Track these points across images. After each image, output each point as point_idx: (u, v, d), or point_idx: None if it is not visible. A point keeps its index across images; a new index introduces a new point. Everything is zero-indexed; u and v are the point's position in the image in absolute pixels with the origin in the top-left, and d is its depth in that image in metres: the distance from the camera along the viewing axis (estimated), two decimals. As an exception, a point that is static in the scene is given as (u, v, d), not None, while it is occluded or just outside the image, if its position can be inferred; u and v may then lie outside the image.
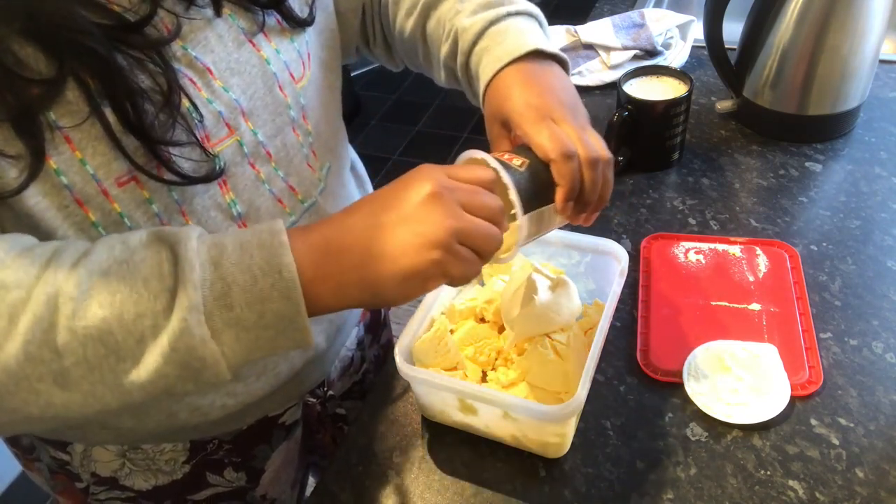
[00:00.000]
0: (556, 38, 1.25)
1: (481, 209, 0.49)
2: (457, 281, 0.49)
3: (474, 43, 0.64)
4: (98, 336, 0.43)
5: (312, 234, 0.48)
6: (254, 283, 0.44)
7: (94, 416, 0.46)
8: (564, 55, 0.63)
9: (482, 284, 0.78)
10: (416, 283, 0.47)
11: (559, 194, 0.55)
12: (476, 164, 0.55)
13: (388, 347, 0.98)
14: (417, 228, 0.46)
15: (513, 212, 0.53)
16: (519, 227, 0.53)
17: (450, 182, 0.48)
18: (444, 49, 0.67)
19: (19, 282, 0.43)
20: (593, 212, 0.59)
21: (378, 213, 0.48)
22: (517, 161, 0.55)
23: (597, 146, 0.56)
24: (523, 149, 0.57)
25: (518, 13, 0.65)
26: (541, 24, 0.66)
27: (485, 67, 0.62)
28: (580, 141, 0.55)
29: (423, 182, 0.47)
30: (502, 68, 0.61)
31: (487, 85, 0.61)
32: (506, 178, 0.53)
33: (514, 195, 0.53)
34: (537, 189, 0.54)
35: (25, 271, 0.43)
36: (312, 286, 0.46)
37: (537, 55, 0.61)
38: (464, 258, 0.47)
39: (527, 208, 0.53)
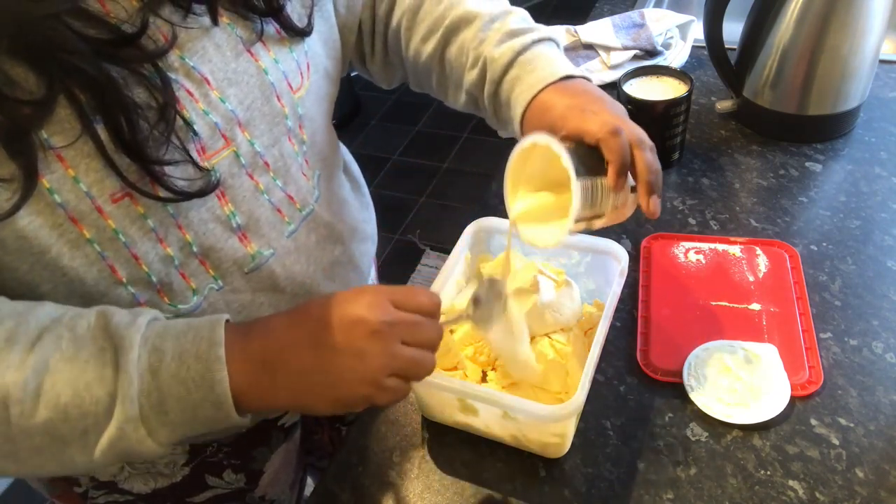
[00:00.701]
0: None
1: (420, 343, 0.52)
2: (382, 406, 0.53)
3: (504, 72, 0.66)
4: (45, 430, 0.47)
5: (252, 345, 0.51)
6: (188, 394, 0.48)
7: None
8: (590, 76, 0.66)
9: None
10: (342, 407, 0.52)
11: (610, 170, 0.56)
12: (536, 148, 0.57)
13: None
14: (354, 365, 0.50)
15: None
16: (573, 191, 0.54)
17: (392, 316, 0.51)
18: (470, 77, 0.69)
19: None
20: (651, 193, 0.59)
21: (319, 338, 0.50)
22: (568, 144, 0.57)
23: (638, 130, 0.59)
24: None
25: (542, 40, 0.68)
26: (559, 48, 0.70)
27: (518, 95, 0.65)
28: (622, 121, 0.58)
29: (366, 318, 0.50)
30: (537, 94, 0.63)
31: (525, 109, 0.64)
32: (556, 147, 0.55)
33: (566, 161, 0.54)
34: (589, 165, 0.56)
35: None
36: (243, 397, 0.49)
37: (566, 78, 0.65)
38: (393, 389, 0.51)
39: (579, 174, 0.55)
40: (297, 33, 0.61)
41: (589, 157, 0.57)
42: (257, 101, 0.58)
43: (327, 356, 0.50)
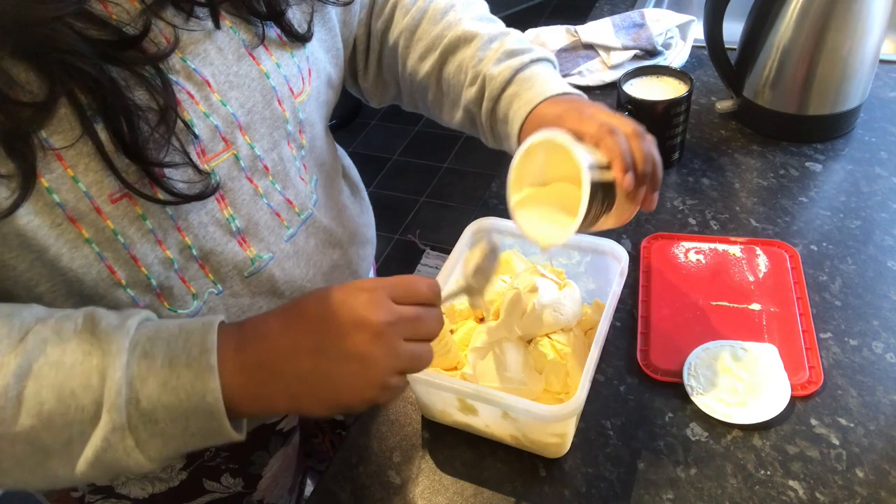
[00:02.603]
0: (556, 38, 1.25)
1: (421, 337, 0.51)
2: (382, 405, 0.52)
3: (503, 90, 0.68)
4: (27, 439, 0.45)
5: (246, 351, 0.49)
6: (178, 403, 0.46)
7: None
8: (587, 83, 0.67)
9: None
10: (343, 410, 0.51)
11: (615, 169, 0.57)
12: (542, 147, 0.58)
13: None
14: (358, 370, 0.48)
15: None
16: (583, 185, 0.54)
17: (393, 314, 0.49)
18: (468, 94, 0.70)
19: None
20: (653, 189, 0.61)
21: (319, 343, 0.49)
22: None
23: (636, 124, 0.60)
24: None
25: (539, 60, 0.69)
26: (555, 68, 0.71)
27: (517, 111, 0.66)
28: (619, 120, 0.59)
29: (368, 320, 0.48)
30: (534, 108, 0.64)
31: (523, 123, 0.65)
32: (567, 142, 0.55)
33: (578, 154, 0.55)
34: (596, 166, 0.57)
35: None
36: (238, 404, 0.48)
37: (562, 95, 0.66)
38: (395, 387, 0.50)
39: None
40: (298, 38, 0.61)
41: (596, 165, 0.57)
42: (258, 104, 0.58)
43: (329, 363, 0.48)
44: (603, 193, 0.57)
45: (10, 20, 0.43)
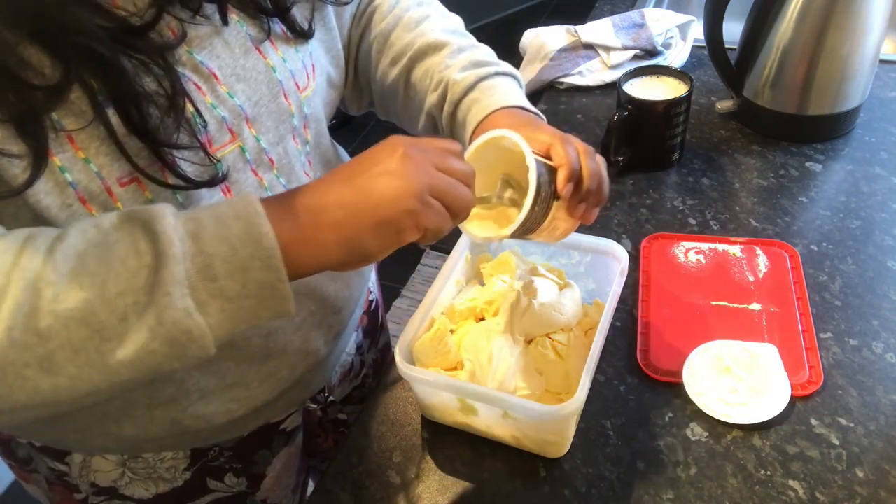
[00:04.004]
0: (556, 38, 1.25)
1: (452, 171, 0.51)
2: (429, 234, 0.50)
3: (464, 95, 0.68)
4: (81, 317, 0.42)
5: (288, 199, 0.48)
6: (234, 253, 0.44)
7: (83, 401, 0.46)
8: (542, 115, 0.69)
9: (482, 284, 0.78)
10: (392, 233, 0.48)
11: (560, 175, 0.57)
12: (491, 148, 0.58)
13: (386, 351, 0.98)
14: (392, 182, 0.48)
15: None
16: (530, 180, 0.54)
17: (421, 144, 0.50)
18: (432, 98, 0.70)
19: None
20: (594, 205, 0.62)
21: (353, 173, 0.49)
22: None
23: (586, 144, 0.60)
24: None
25: (505, 73, 0.70)
26: (521, 86, 0.72)
27: (474, 115, 0.67)
28: (572, 137, 0.60)
29: (395, 145, 0.49)
30: (490, 113, 0.65)
31: (476, 127, 0.66)
32: (519, 141, 0.56)
33: (530, 159, 0.55)
34: (543, 173, 0.56)
35: (1, 258, 0.42)
36: (291, 249, 0.46)
37: (520, 110, 0.67)
38: (437, 211, 0.49)
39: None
40: (301, 35, 0.62)
41: (545, 168, 0.57)
42: (265, 97, 0.58)
43: (363, 183, 0.48)
44: (542, 203, 0.57)
45: (28, 3, 0.43)
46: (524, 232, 0.58)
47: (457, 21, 0.76)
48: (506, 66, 0.72)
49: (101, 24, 0.46)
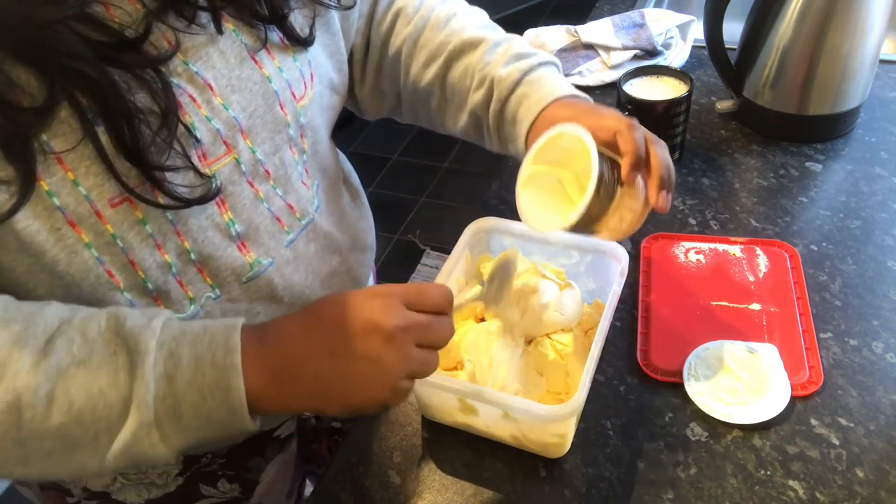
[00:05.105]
0: (556, 38, 1.25)
1: (432, 344, 0.53)
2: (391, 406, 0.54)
3: (511, 91, 0.68)
4: (57, 434, 0.46)
5: (268, 354, 0.50)
6: (203, 401, 0.48)
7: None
8: (590, 97, 0.69)
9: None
10: (356, 413, 0.53)
11: (625, 161, 0.58)
12: (559, 142, 0.59)
13: None
14: (371, 372, 0.50)
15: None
16: (592, 172, 0.55)
17: (406, 320, 0.51)
18: (475, 97, 0.71)
19: None
20: (666, 189, 0.61)
21: (336, 346, 0.51)
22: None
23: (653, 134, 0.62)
24: None
25: (546, 63, 0.71)
26: (559, 71, 0.72)
27: (526, 111, 0.67)
28: (636, 122, 0.61)
29: (381, 324, 0.50)
30: (544, 109, 0.66)
31: (532, 123, 0.66)
32: (580, 132, 0.57)
33: (592, 151, 0.56)
34: (607, 165, 0.58)
35: None
36: (259, 402, 0.50)
37: (573, 98, 0.67)
38: (404, 392, 0.52)
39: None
40: (300, 42, 0.61)
41: (608, 163, 0.58)
42: (260, 108, 0.57)
43: (344, 365, 0.50)
44: (606, 194, 0.57)
45: (11, 22, 0.43)
46: (589, 222, 0.58)
47: (483, 15, 0.76)
48: (545, 55, 0.71)
49: (95, 39, 0.45)
